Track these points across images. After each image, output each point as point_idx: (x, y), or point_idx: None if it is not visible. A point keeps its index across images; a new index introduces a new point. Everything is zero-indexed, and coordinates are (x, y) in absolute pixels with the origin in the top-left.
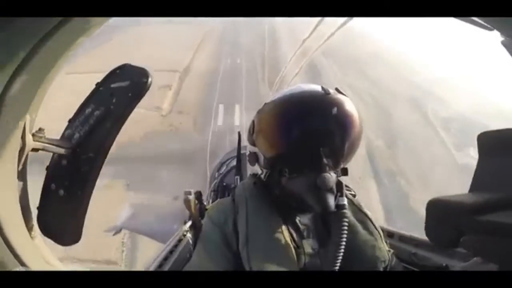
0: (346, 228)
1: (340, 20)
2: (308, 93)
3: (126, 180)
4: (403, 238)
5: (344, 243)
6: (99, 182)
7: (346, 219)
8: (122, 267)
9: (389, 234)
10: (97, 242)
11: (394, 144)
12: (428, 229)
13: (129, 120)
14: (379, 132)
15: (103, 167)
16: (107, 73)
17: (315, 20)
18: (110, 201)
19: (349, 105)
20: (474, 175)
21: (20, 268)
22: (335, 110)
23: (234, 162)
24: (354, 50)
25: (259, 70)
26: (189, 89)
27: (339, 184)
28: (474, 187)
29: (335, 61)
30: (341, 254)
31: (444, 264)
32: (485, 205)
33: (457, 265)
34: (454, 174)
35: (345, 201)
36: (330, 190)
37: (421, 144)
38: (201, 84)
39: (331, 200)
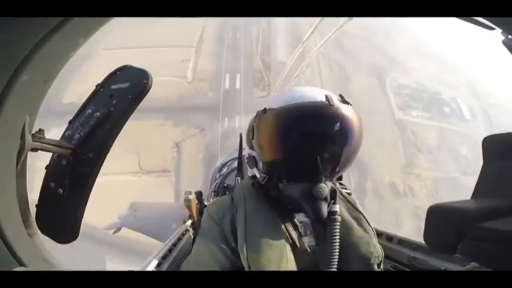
0: (338, 232)
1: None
2: (311, 104)
3: (173, 120)
4: (402, 242)
5: (337, 246)
6: (156, 122)
7: (337, 224)
8: (173, 176)
9: (388, 238)
10: (156, 158)
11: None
12: (427, 234)
13: (164, 84)
14: (332, 89)
15: (159, 112)
16: (108, 74)
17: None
18: (165, 132)
19: (352, 117)
20: (478, 179)
21: (18, 268)
22: (337, 126)
23: (235, 164)
24: (341, 20)
25: (254, 43)
26: (203, 61)
27: (333, 192)
28: (477, 192)
29: (319, 31)
30: (336, 255)
31: (442, 268)
32: (486, 211)
33: (455, 269)
34: (387, 125)
35: (337, 208)
36: (325, 199)
37: (367, 101)
38: (211, 56)
39: (324, 209)
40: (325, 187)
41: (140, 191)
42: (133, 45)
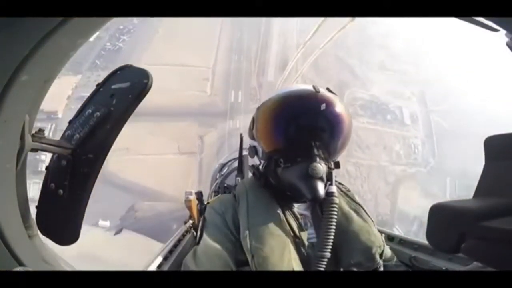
0: (335, 213)
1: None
2: (299, 91)
3: (198, 122)
4: (403, 242)
5: (333, 227)
6: (187, 123)
7: (335, 205)
8: (198, 156)
9: (389, 238)
10: (188, 144)
11: None
12: (429, 233)
13: (192, 97)
14: None
15: (189, 116)
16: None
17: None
18: (193, 129)
19: (337, 102)
20: (480, 179)
21: (18, 268)
22: (323, 106)
23: (235, 164)
24: (321, 40)
25: (252, 65)
26: (217, 79)
27: (329, 174)
28: (479, 192)
29: (301, 53)
30: (331, 238)
31: (443, 268)
32: (489, 210)
33: (457, 269)
34: None
35: (335, 189)
36: (320, 179)
37: None
38: (222, 77)
39: (321, 188)
40: (320, 166)
41: (178, 165)
42: (167, 62)
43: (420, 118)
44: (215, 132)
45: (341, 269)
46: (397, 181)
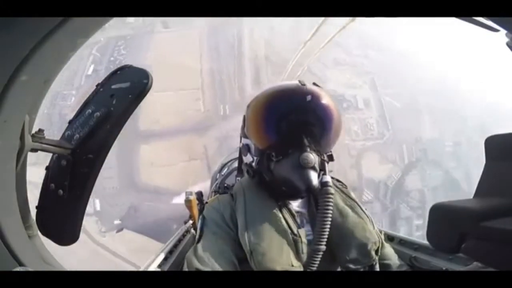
0: (331, 203)
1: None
2: (285, 86)
3: (197, 135)
4: (403, 242)
5: (329, 219)
6: (190, 137)
7: (331, 195)
8: (204, 160)
9: (390, 238)
10: (190, 154)
11: None
12: (430, 233)
13: (188, 115)
14: None
15: (189, 131)
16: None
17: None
18: (194, 140)
19: (323, 94)
20: (480, 179)
21: (18, 268)
22: (309, 97)
23: (235, 164)
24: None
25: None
26: (207, 98)
27: (322, 164)
28: (479, 192)
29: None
30: (327, 230)
31: (444, 268)
32: (490, 210)
33: (457, 270)
34: None
35: (329, 179)
36: (313, 168)
37: None
38: (210, 94)
39: (314, 177)
40: (311, 156)
41: (188, 169)
42: (166, 89)
43: (372, 101)
44: (212, 141)
45: (338, 266)
46: (358, 154)
